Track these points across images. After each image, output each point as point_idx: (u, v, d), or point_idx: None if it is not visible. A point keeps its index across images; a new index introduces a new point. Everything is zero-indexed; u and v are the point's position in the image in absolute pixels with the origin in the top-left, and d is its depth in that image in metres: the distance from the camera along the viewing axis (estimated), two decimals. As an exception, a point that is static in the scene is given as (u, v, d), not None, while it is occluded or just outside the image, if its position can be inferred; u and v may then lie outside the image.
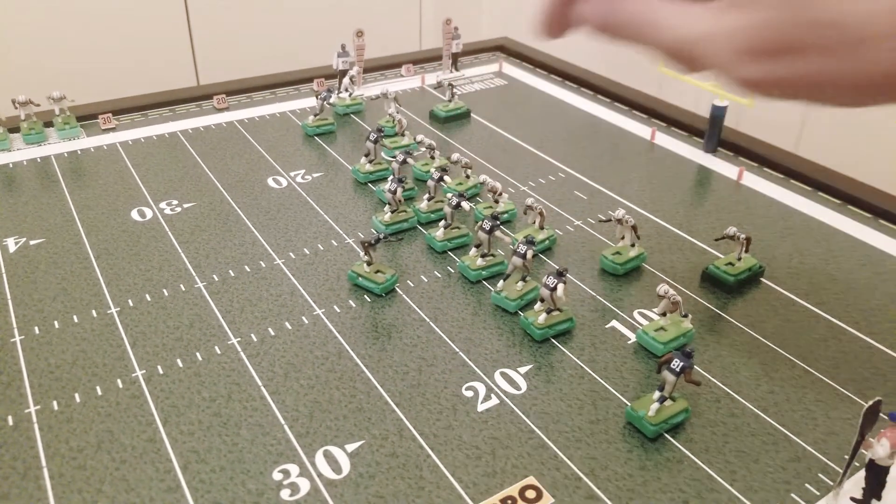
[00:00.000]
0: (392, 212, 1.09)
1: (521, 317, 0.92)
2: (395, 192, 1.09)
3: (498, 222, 0.99)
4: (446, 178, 1.12)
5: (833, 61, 0.41)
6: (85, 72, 1.99)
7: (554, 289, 0.88)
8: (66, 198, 1.16)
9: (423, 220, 1.12)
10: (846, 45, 0.41)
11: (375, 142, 1.23)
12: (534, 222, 1.06)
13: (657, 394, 0.78)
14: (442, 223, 1.06)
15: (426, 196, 1.13)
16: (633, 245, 1.03)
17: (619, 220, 1.02)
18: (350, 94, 1.51)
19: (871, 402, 0.66)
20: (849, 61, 0.41)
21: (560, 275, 0.89)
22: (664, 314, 0.90)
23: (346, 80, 1.51)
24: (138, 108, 1.46)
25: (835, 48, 0.41)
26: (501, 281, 0.96)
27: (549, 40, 0.57)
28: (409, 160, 1.17)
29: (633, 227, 1.01)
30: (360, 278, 0.97)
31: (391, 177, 1.12)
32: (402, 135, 1.34)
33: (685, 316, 0.90)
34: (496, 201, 1.13)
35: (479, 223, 1.00)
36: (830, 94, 0.44)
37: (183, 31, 2.14)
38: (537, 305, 0.91)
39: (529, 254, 0.93)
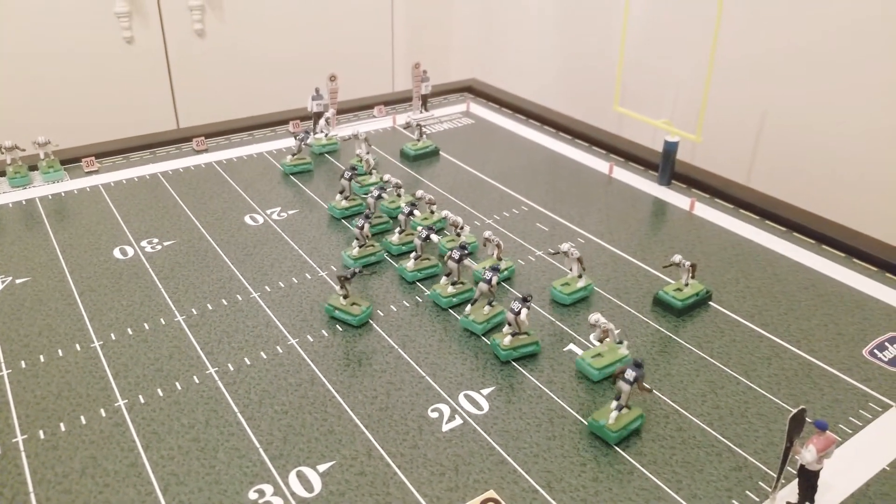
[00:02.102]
0: (360, 246, 1.15)
1: (492, 339, 0.98)
2: (362, 228, 1.15)
3: (466, 251, 1.06)
4: (416, 212, 1.19)
5: None
6: (68, 117, 2.05)
7: (518, 313, 0.95)
8: (51, 238, 1.21)
9: (396, 252, 1.18)
10: None
11: (350, 179, 1.30)
12: (493, 254, 1.13)
13: (614, 403, 0.84)
14: (412, 255, 1.12)
15: (397, 230, 1.19)
16: (580, 276, 1.08)
17: (565, 253, 1.07)
18: (326, 135, 1.57)
19: (795, 411, 0.72)
20: None
21: (524, 300, 0.95)
22: (601, 341, 0.96)
23: (321, 122, 1.58)
24: (120, 151, 1.52)
25: None
26: (469, 306, 1.02)
27: None
28: (384, 196, 1.23)
29: (579, 259, 1.07)
30: (336, 311, 1.02)
31: (364, 212, 1.18)
32: (370, 174, 1.41)
33: (620, 343, 0.96)
34: (458, 234, 1.19)
35: (449, 253, 1.07)
36: None
37: (163, 77, 2.21)
38: (504, 328, 0.97)
39: (494, 280, 1.00)
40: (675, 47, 1.81)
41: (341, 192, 1.31)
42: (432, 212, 1.26)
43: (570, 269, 1.09)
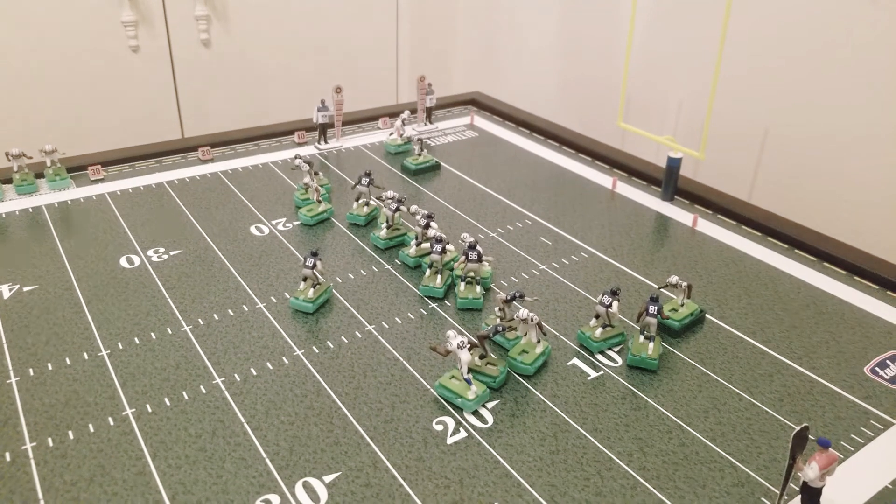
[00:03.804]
0: (314, 286, 1.08)
1: (579, 331, 1.03)
2: (313, 266, 1.07)
3: (476, 250, 1.09)
4: (433, 223, 1.20)
5: None
6: (74, 125, 2.06)
7: (609, 306, 1.00)
8: (58, 246, 1.21)
9: (412, 264, 1.19)
10: None
11: (367, 185, 1.31)
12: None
13: (641, 338, 0.99)
14: (429, 272, 1.13)
15: (414, 241, 1.20)
16: (538, 342, 0.99)
17: (524, 320, 0.98)
18: (402, 135, 1.64)
19: (798, 428, 0.73)
20: None
21: (614, 293, 1.01)
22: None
23: (398, 123, 1.65)
24: (126, 159, 1.53)
25: None
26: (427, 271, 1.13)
27: None
28: (402, 207, 1.24)
29: (539, 325, 0.98)
30: (471, 372, 0.93)
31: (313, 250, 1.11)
32: (319, 202, 1.34)
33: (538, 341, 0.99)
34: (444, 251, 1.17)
35: (463, 258, 1.10)
36: None
37: (169, 86, 2.22)
38: (592, 321, 1.03)
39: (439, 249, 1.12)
40: (679, 65, 1.83)
41: (358, 200, 1.32)
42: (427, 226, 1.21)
43: (525, 334, 1.00)
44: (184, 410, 0.88)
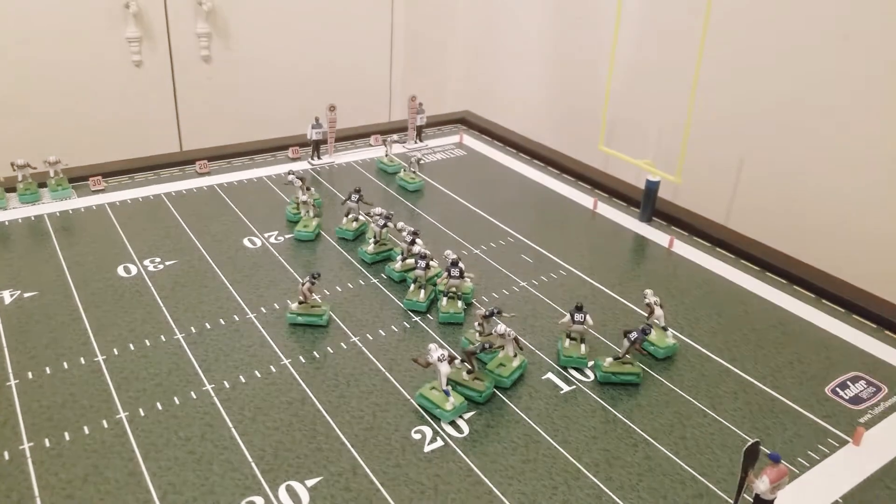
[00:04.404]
0: (300, 303, 1.12)
1: (562, 356, 1.06)
2: (315, 280, 1.12)
3: (458, 267, 1.14)
4: (418, 240, 1.25)
5: None
6: (77, 136, 2.11)
7: (583, 322, 1.06)
8: (58, 254, 1.26)
9: (397, 278, 1.23)
10: None
11: (357, 201, 1.36)
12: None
13: (568, 341, 1.06)
14: (413, 286, 1.18)
15: (400, 256, 1.25)
16: (515, 355, 1.03)
17: (501, 335, 1.02)
18: (386, 155, 1.68)
19: (749, 444, 0.78)
20: None
21: (579, 309, 1.06)
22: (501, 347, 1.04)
23: (387, 147, 1.70)
24: (125, 171, 1.57)
25: None
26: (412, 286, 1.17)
27: None
28: (389, 223, 1.29)
29: (516, 339, 1.02)
30: (457, 386, 0.98)
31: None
32: (311, 217, 1.38)
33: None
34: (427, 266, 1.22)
35: (446, 274, 1.14)
36: None
37: (169, 101, 2.28)
38: (567, 342, 1.07)
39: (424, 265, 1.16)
40: (660, 92, 1.89)
41: (347, 215, 1.37)
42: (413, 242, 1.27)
43: (501, 347, 1.03)
44: (175, 415, 0.93)
